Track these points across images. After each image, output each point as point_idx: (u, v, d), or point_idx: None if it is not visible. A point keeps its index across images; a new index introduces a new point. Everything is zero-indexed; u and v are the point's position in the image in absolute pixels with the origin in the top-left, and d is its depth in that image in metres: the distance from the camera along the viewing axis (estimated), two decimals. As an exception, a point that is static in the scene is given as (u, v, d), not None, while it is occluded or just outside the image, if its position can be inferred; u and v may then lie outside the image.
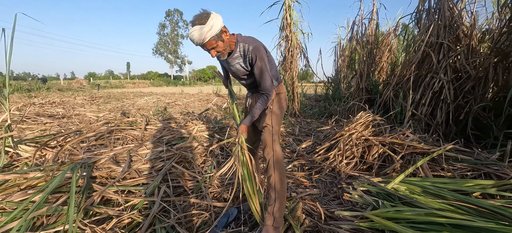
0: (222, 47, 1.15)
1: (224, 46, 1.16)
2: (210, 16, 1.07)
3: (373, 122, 2.33)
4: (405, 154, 1.88)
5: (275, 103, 1.36)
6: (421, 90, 3.18)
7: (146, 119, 2.57)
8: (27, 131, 3.40)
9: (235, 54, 1.23)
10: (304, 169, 2.08)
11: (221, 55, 1.20)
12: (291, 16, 4.66)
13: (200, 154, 2.08)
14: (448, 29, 3.21)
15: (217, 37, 1.10)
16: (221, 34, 1.12)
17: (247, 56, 1.21)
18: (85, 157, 1.74)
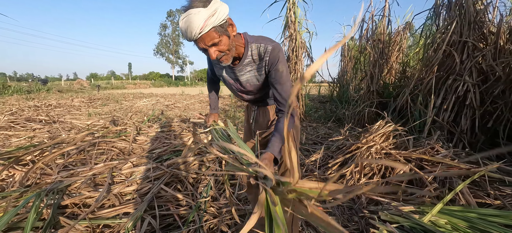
0: (226, 46, 0.81)
1: (230, 44, 0.82)
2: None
3: (394, 132, 2.03)
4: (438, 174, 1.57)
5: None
6: (443, 94, 2.87)
7: (136, 128, 2.30)
8: (13, 138, 3.16)
9: (246, 59, 0.91)
10: (316, 189, 1.79)
11: (223, 58, 0.84)
12: (295, 14, 4.36)
13: (195, 170, 1.80)
14: (472, 26, 2.90)
15: (222, 29, 0.78)
16: (227, 26, 0.80)
17: (263, 60, 0.89)
18: (59, 177, 1.47)
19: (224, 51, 0.83)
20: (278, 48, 0.89)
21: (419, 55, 5.59)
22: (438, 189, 1.51)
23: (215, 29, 0.76)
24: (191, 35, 0.75)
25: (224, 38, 0.80)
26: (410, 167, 1.67)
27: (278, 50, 0.88)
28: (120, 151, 1.96)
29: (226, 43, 0.81)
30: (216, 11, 0.74)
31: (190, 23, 0.73)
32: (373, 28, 4.20)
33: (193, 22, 0.72)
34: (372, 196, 1.58)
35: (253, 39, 0.91)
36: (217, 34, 0.77)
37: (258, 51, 0.90)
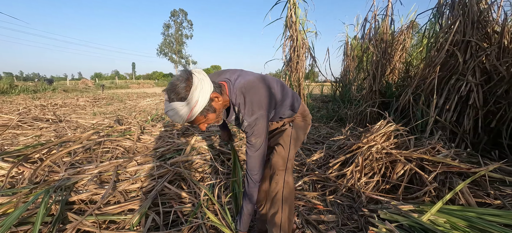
0: (214, 119, 0.85)
1: (217, 115, 0.85)
2: (192, 83, 0.73)
3: (395, 132, 2.04)
4: (438, 174, 1.58)
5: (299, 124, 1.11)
6: (445, 94, 2.85)
7: (140, 127, 2.34)
8: (21, 137, 3.25)
9: (232, 117, 0.95)
10: (316, 188, 1.82)
11: (215, 122, 0.90)
12: (296, 14, 4.37)
13: (198, 169, 1.84)
14: (476, 26, 2.87)
15: (207, 110, 0.79)
16: (211, 102, 0.80)
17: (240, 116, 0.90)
18: (66, 175, 1.52)
19: (210, 123, 0.87)
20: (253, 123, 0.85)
21: (422, 54, 5.56)
22: (438, 188, 1.51)
23: (200, 113, 0.79)
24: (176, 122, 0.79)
25: (210, 115, 0.82)
26: (411, 166, 1.67)
27: (252, 125, 0.86)
28: (125, 149, 2.01)
29: (213, 117, 0.84)
30: (198, 100, 0.74)
31: (175, 118, 0.75)
32: (376, 28, 4.19)
33: (177, 118, 0.75)
34: (372, 195, 1.59)
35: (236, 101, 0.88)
36: (203, 116, 0.80)
37: (237, 115, 0.92)
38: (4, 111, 5.91)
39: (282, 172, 0.98)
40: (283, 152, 1.01)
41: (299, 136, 1.10)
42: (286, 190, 0.96)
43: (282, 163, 0.99)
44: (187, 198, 1.48)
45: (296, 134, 1.08)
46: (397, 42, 4.80)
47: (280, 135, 1.07)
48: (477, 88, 2.66)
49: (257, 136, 0.87)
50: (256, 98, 0.86)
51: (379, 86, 4.07)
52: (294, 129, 1.07)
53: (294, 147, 1.04)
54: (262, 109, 0.87)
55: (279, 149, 1.03)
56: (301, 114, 1.15)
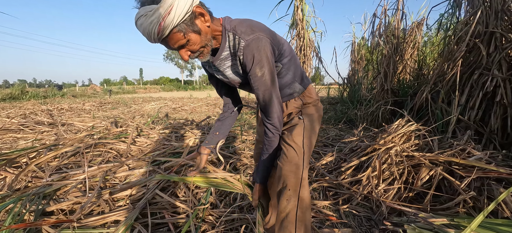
0: (198, 43, 0.66)
1: (203, 40, 0.66)
2: None
3: (416, 132, 1.81)
4: (473, 180, 1.35)
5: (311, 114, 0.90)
6: (468, 90, 2.59)
7: (137, 129, 2.20)
8: (21, 141, 3.18)
9: (224, 52, 0.74)
10: (328, 195, 1.61)
11: (200, 56, 0.71)
12: (303, 11, 4.21)
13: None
14: (500, 15, 2.62)
15: (187, 25, 0.61)
16: (194, 19, 0.63)
17: (237, 56, 0.72)
18: (49, 181, 1.38)
19: (197, 50, 0.68)
20: (254, 45, 0.67)
21: (435, 52, 5.26)
22: (474, 197, 1.28)
23: (178, 29, 0.60)
24: (149, 39, 0.60)
25: (193, 36, 0.64)
26: (438, 171, 1.45)
27: (253, 48, 0.67)
28: (118, 153, 1.87)
29: (197, 41, 0.65)
30: (173, 5, 0.56)
31: (143, 28, 0.58)
32: (386, 23, 3.97)
33: (146, 28, 0.57)
34: (394, 205, 1.37)
35: (231, 25, 0.71)
36: (182, 34, 0.61)
37: (233, 43, 0.72)
38: (12, 116, 5.98)
39: (295, 185, 0.74)
40: (295, 157, 0.77)
41: (313, 130, 0.86)
42: (301, 209, 0.72)
43: (294, 172, 0.75)
44: (180, 207, 1.31)
45: (310, 126, 0.85)
46: (409, 39, 4.55)
47: (288, 132, 0.83)
48: (505, 83, 2.39)
49: (261, 65, 0.68)
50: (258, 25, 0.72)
51: (391, 85, 3.83)
52: (305, 121, 0.84)
53: (308, 148, 0.80)
54: (265, 33, 0.70)
55: (290, 152, 0.78)
56: (311, 98, 0.92)
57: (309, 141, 0.84)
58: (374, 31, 4.04)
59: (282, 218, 0.74)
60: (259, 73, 0.69)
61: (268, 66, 0.69)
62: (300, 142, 0.80)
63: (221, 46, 0.73)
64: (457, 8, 3.09)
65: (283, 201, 0.75)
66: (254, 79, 0.71)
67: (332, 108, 6.17)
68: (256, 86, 0.72)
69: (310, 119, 0.88)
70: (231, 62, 0.76)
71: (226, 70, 0.79)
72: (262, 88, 0.72)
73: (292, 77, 0.86)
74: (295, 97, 0.92)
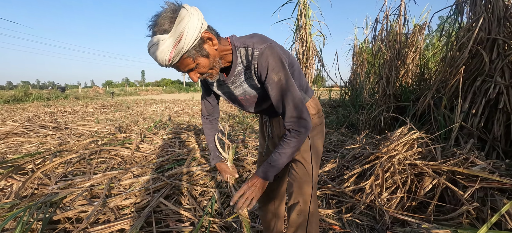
0: (206, 66, 0.68)
1: (211, 63, 0.68)
2: (179, 14, 0.59)
3: (419, 140, 1.82)
4: (476, 190, 1.35)
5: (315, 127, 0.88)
6: (470, 97, 2.59)
7: (141, 134, 2.23)
8: (25, 145, 3.22)
9: (237, 68, 0.75)
10: (331, 204, 1.61)
11: (208, 77, 0.72)
12: (307, 16, 4.24)
13: (199, 181, 1.68)
14: (502, 22, 2.62)
15: (196, 51, 0.63)
16: (203, 44, 0.65)
17: (251, 66, 0.72)
18: (55, 188, 1.39)
19: (205, 73, 0.70)
20: (268, 52, 0.69)
21: (437, 56, 5.25)
22: (477, 208, 1.28)
23: (187, 55, 0.63)
24: (161, 66, 0.64)
25: (202, 60, 0.66)
26: (441, 180, 1.45)
27: (267, 55, 0.68)
28: (122, 159, 1.88)
29: (206, 64, 0.67)
30: (183, 34, 0.59)
31: (155, 56, 0.61)
32: (388, 28, 3.98)
33: (158, 56, 0.60)
34: (397, 214, 1.37)
35: (241, 41, 0.74)
36: (191, 59, 0.64)
37: (246, 55, 0.73)
38: (15, 118, 6.04)
39: (305, 201, 0.78)
40: (306, 173, 0.80)
41: (319, 145, 0.88)
42: (310, 224, 0.76)
43: (306, 188, 0.79)
44: (185, 216, 1.32)
45: (316, 140, 0.86)
46: (411, 44, 4.56)
47: None
48: (507, 90, 2.39)
49: (277, 70, 0.69)
50: (267, 36, 0.74)
51: (393, 89, 3.83)
52: (312, 137, 0.85)
53: (316, 164, 0.83)
54: (276, 45, 0.72)
55: (299, 168, 0.81)
56: (315, 108, 0.90)
57: (317, 156, 0.85)
58: (376, 36, 4.06)
59: (293, 231, 0.77)
60: (276, 78, 0.70)
61: (283, 70, 0.70)
62: (309, 157, 0.81)
63: (233, 63, 0.75)
64: (459, 14, 3.10)
65: (294, 216, 0.79)
66: (272, 86, 0.71)
67: (334, 112, 6.17)
68: (275, 93, 0.71)
69: (315, 131, 0.88)
70: (245, 76, 0.77)
71: (237, 88, 0.79)
72: (281, 92, 0.71)
73: (298, 88, 0.87)
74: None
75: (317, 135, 0.89)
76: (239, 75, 0.77)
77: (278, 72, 0.69)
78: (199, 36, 0.63)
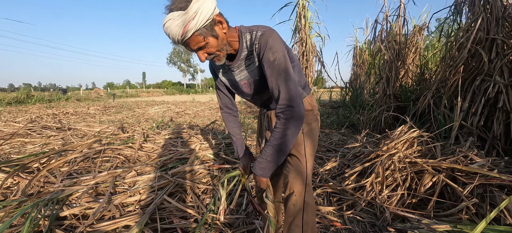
0: (215, 47, 0.72)
1: (219, 44, 0.73)
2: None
3: (418, 138, 1.84)
4: (475, 187, 1.37)
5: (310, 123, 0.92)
6: (470, 96, 2.61)
7: (144, 134, 2.25)
8: (29, 145, 3.25)
9: (243, 53, 0.79)
10: (332, 201, 1.63)
11: (216, 59, 0.76)
12: (306, 17, 4.27)
13: (201, 179, 1.71)
14: (501, 22, 2.65)
15: (207, 30, 0.69)
16: (214, 25, 0.70)
17: (253, 47, 0.77)
18: (61, 186, 1.42)
19: (213, 53, 0.75)
20: (269, 33, 0.74)
21: (437, 56, 5.28)
22: (477, 204, 1.30)
23: (199, 33, 0.68)
24: (173, 41, 0.69)
25: (211, 39, 0.71)
26: (441, 177, 1.47)
27: (268, 35, 0.73)
28: (126, 158, 1.91)
29: (214, 44, 0.72)
30: (197, 12, 0.65)
31: (170, 30, 0.66)
32: (387, 29, 4.01)
33: (173, 30, 0.66)
34: (397, 211, 1.39)
35: (247, 28, 0.79)
36: (202, 37, 0.69)
37: (250, 39, 0.78)
38: (18, 119, 6.09)
39: (301, 191, 0.81)
40: (300, 165, 0.84)
41: (313, 139, 0.91)
42: (306, 213, 0.80)
43: (299, 179, 0.82)
44: (188, 213, 1.35)
45: (310, 134, 0.89)
46: (411, 44, 4.58)
47: None
48: (507, 90, 2.41)
49: (274, 50, 0.72)
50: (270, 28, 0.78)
51: (394, 89, 3.85)
52: (306, 133, 0.89)
53: (310, 156, 0.87)
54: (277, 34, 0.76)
55: (294, 161, 0.86)
56: (311, 105, 0.94)
57: (311, 149, 0.89)
58: (376, 37, 4.09)
59: (290, 222, 0.80)
60: (272, 58, 0.72)
61: (281, 52, 0.73)
62: (302, 150, 0.85)
63: (239, 49, 0.80)
64: (458, 15, 3.12)
65: (290, 206, 0.81)
66: (267, 65, 0.73)
67: (335, 112, 6.19)
68: (269, 72, 0.73)
69: (310, 127, 0.91)
70: (248, 61, 0.81)
71: (246, 69, 0.83)
72: (275, 74, 0.72)
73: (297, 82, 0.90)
74: None
75: (311, 131, 0.91)
76: (243, 60, 0.81)
77: (274, 52, 0.72)
78: (212, 17, 0.69)
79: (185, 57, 43.91)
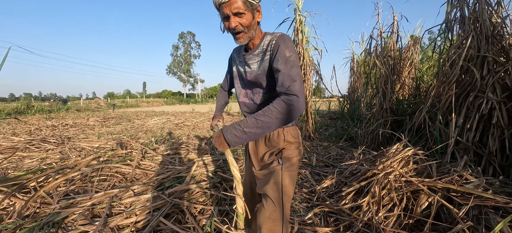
0: (247, 23, 0.81)
1: (251, 24, 0.83)
2: None
3: (414, 156, 1.85)
4: (471, 208, 1.37)
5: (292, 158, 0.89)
6: (464, 112, 2.65)
7: (142, 151, 2.27)
8: (27, 160, 3.24)
9: (258, 49, 0.89)
10: (329, 222, 1.63)
11: (240, 35, 0.83)
12: (303, 32, 4.39)
13: (198, 199, 1.70)
14: (491, 40, 2.74)
15: (250, 5, 0.80)
16: (255, 9, 0.83)
17: (269, 45, 0.86)
18: (57, 208, 1.42)
19: (243, 27, 0.82)
20: (287, 37, 0.85)
21: (432, 69, 5.39)
22: (472, 227, 1.30)
23: (244, 1, 0.79)
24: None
25: (249, 14, 0.81)
26: (437, 198, 1.47)
27: (286, 37, 0.85)
28: (123, 176, 1.91)
29: (249, 20, 0.82)
30: None
31: None
32: (382, 45, 4.12)
33: None
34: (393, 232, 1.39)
35: (270, 33, 0.91)
36: (244, 6, 0.79)
37: (270, 41, 0.87)
38: (17, 131, 6.08)
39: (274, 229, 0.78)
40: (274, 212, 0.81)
41: (292, 178, 0.87)
42: None
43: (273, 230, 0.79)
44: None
45: (289, 175, 0.86)
46: (406, 58, 4.69)
47: (267, 179, 0.86)
48: (500, 106, 2.46)
49: (290, 49, 0.81)
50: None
51: (390, 103, 3.90)
52: (285, 169, 0.85)
53: (287, 201, 0.83)
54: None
55: (269, 206, 0.81)
56: (294, 138, 0.93)
57: (289, 190, 0.85)
58: (371, 52, 4.19)
59: None
60: (287, 54, 0.79)
61: (295, 54, 0.81)
62: (279, 195, 0.82)
63: (256, 45, 0.91)
64: (449, 32, 3.22)
65: None
66: (282, 59, 0.78)
67: (333, 124, 6.22)
68: (283, 66, 0.77)
69: (290, 163, 0.88)
70: (262, 57, 0.89)
71: (253, 63, 0.91)
72: (289, 66, 0.76)
73: None
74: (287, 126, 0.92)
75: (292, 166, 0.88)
76: (257, 56, 0.90)
77: (290, 51, 0.80)
78: (257, 3, 0.83)
79: (185, 68, 44.44)
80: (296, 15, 4.50)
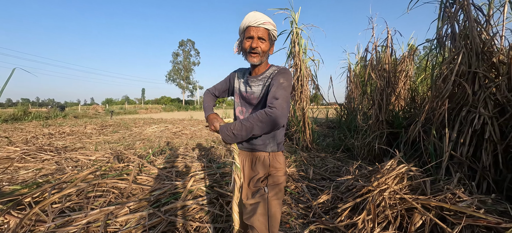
0: (265, 48, 1.01)
1: (265, 52, 1.02)
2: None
3: (408, 173, 1.88)
4: (463, 227, 1.39)
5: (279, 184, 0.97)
6: (458, 126, 2.70)
7: (138, 165, 2.27)
8: (22, 170, 3.22)
9: (262, 76, 1.05)
10: (324, 239, 1.63)
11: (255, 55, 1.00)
12: (299, 44, 4.49)
13: (194, 215, 1.70)
14: (481, 57, 2.82)
15: (270, 38, 1.03)
16: (272, 42, 1.05)
17: (272, 74, 1.03)
18: (52, 226, 1.41)
19: (260, 50, 1.00)
20: (288, 71, 1.02)
21: (426, 81, 5.49)
22: (465, 247, 1.32)
23: (268, 32, 1.01)
24: (253, 20, 0.97)
25: (267, 44, 1.02)
26: (430, 216, 1.49)
27: (286, 70, 1.01)
28: (120, 192, 1.91)
29: (267, 47, 1.02)
30: (274, 27, 1.03)
31: (259, 16, 0.98)
32: (377, 58, 4.22)
33: (261, 17, 0.98)
34: (388, 252, 1.40)
35: (276, 66, 1.07)
36: (267, 36, 1.01)
37: (273, 71, 1.03)
38: (14, 139, 6.03)
39: None
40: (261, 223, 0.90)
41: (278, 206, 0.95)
42: None
43: None
44: (179, 255, 1.34)
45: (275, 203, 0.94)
46: (400, 70, 4.79)
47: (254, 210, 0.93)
48: (492, 121, 2.51)
49: (285, 78, 0.97)
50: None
51: (386, 116, 3.96)
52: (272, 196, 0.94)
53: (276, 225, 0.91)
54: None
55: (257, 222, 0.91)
56: (280, 164, 1.02)
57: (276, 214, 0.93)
58: (367, 64, 4.28)
59: None
60: (281, 80, 0.96)
61: (289, 85, 0.96)
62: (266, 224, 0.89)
63: (262, 72, 1.06)
64: (441, 48, 3.32)
65: None
66: (276, 83, 0.95)
67: (331, 134, 6.26)
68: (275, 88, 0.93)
69: (278, 189, 0.96)
70: (263, 81, 1.04)
71: (258, 86, 1.05)
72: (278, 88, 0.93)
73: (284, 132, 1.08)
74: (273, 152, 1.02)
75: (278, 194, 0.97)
76: (260, 81, 1.05)
77: (285, 80, 0.97)
78: (275, 39, 1.06)
79: (184, 75, 44.70)
80: (292, 28, 4.61)
